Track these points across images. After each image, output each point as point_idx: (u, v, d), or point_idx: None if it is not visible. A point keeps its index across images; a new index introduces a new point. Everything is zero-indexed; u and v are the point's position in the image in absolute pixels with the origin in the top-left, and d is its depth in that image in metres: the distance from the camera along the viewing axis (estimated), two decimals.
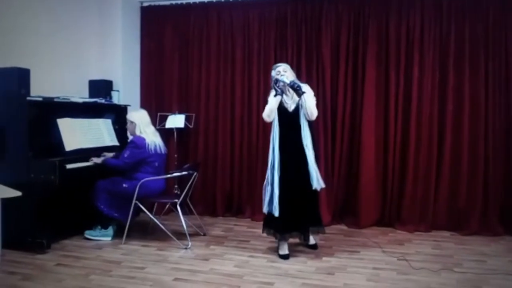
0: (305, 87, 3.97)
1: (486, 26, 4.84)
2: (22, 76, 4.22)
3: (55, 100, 4.48)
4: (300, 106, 3.97)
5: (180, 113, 5.65)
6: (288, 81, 3.93)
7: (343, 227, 5.12)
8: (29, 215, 4.12)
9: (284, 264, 3.90)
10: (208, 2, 5.66)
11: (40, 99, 4.29)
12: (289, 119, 4.01)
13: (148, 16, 5.88)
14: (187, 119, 5.59)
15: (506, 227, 4.80)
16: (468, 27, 4.87)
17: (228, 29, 5.62)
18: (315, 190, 4.02)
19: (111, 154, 4.62)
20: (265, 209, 4.03)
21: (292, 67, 5.30)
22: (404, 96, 5.06)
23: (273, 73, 4.12)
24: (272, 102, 3.97)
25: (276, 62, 5.38)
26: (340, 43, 5.24)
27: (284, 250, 4.08)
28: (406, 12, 5.03)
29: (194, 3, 5.71)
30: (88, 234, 4.56)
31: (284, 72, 4.03)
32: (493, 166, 4.85)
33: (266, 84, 5.45)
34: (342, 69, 5.23)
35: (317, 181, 3.98)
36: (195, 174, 4.54)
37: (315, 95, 4.11)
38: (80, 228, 4.60)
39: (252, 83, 5.54)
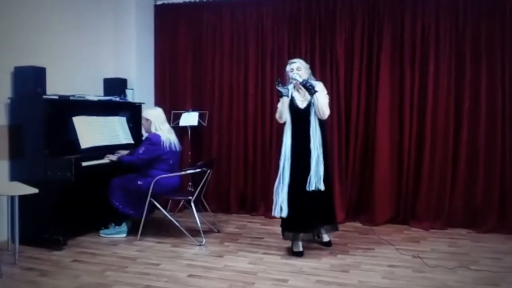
0: (319, 85, 3.95)
1: (502, 22, 4.76)
2: (38, 74, 4.29)
3: (71, 98, 4.53)
4: (312, 104, 3.94)
5: (193, 110, 5.67)
6: (300, 80, 3.90)
7: (358, 224, 5.10)
8: (46, 212, 4.17)
9: (298, 261, 3.89)
10: (221, 0, 5.66)
11: (56, 97, 4.35)
12: (300, 116, 3.99)
13: (162, 14, 5.90)
14: (201, 117, 5.61)
15: None
16: (484, 23, 4.80)
17: (241, 26, 5.62)
18: (326, 190, 3.97)
19: (125, 152, 4.65)
20: (276, 213, 4.03)
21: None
22: (420, 93, 5.01)
23: (288, 68, 4.10)
24: (280, 104, 3.99)
25: (289, 60, 5.42)
26: (354, 40, 5.21)
27: (298, 247, 4.07)
28: (421, 9, 4.97)
29: (208, 1, 5.73)
30: (103, 233, 4.61)
31: (297, 70, 4.01)
32: (510, 163, 4.78)
33: None
34: (356, 67, 5.20)
35: (314, 183, 3.88)
36: (209, 171, 4.56)
37: (328, 93, 4.09)
38: (95, 225, 4.64)
39: (265, 81, 5.54)
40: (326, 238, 4.30)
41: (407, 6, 5.02)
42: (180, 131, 5.50)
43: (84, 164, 4.22)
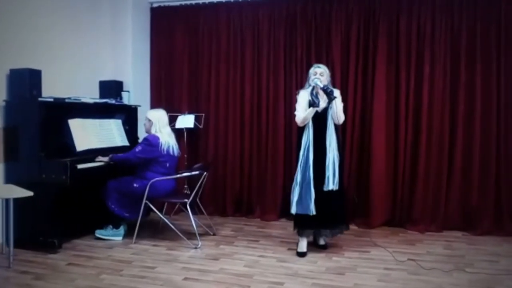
0: (336, 92, 4.05)
1: (498, 22, 4.78)
2: (33, 77, 4.27)
3: (66, 100, 4.51)
4: (329, 108, 4.05)
5: (190, 113, 5.66)
6: (321, 85, 4.00)
7: (354, 227, 5.08)
8: (41, 215, 4.16)
9: (294, 264, 3.89)
10: (217, 2, 5.67)
11: (51, 100, 4.33)
12: (317, 119, 4.08)
13: (158, 16, 5.90)
14: (197, 119, 5.60)
15: None
16: (479, 23, 4.82)
17: (237, 28, 5.62)
18: (339, 190, 4.09)
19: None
20: (293, 210, 4.09)
21: (301, 66, 5.37)
22: (415, 94, 5.02)
23: (311, 71, 4.17)
24: (308, 112, 4.03)
25: (285, 62, 5.45)
26: (350, 41, 5.21)
27: (302, 247, 4.12)
28: (417, 9, 4.99)
29: (204, 3, 5.73)
30: (99, 233, 4.59)
31: (320, 76, 4.09)
32: (505, 165, 4.80)
33: (275, 83, 5.47)
34: (352, 68, 5.21)
35: (332, 183, 4.02)
36: (205, 174, 4.55)
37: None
38: (91, 227, 4.62)
39: (261, 83, 5.54)
40: (322, 241, 4.31)
41: (403, 8, 5.03)
42: (176, 134, 5.47)
43: (79, 166, 4.21)
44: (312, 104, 4.01)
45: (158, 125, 4.54)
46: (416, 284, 3.43)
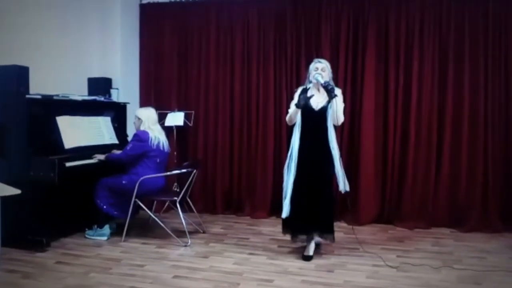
0: (337, 91, 3.80)
1: (485, 21, 4.83)
2: (21, 74, 4.21)
3: (54, 98, 4.47)
4: (328, 107, 3.82)
5: (179, 110, 5.64)
6: (322, 81, 3.76)
7: (343, 224, 5.11)
8: (29, 213, 4.12)
9: (284, 262, 3.90)
10: None
11: (39, 97, 4.29)
12: (313, 119, 3.87)
13: (147, 13, 5.86)
14: (186, 117, 5.58)
15: (506, 224, 4.80)
16: (467, 22, 4.87)
17: (227, 26, 5.61)
18: (329, 196, 3.95)
19: (116, 152, 4.60)
20: (284, 214, 3.90)
21: (291, 63, 5.37)
22: (404, 93, 5.06)
23: (312, 66, 3.94)
24: (291, 111, 3.86)
25: (275, 59, 5.43)
26: (339, 39, 5.23)
27: (308, 251, 3.97)
28: (405, 7, 5.02)
29: (193, 0, 5.70)
30: (87, 234, 4.56)
31: (321, 71, 3.86)
32: (492, 162, 4.85)
33: (265, 81, 5.47)
34: (341, 66, 5.22)
35: (344, 184, 3.93)
36: (194, 171, 4.54)
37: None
38: (80, 226, 4.59)
39: (251, 80, 5.53)
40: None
41: (392, 5, 5.06)
42: (165, 131, 5.45)
43: (68, 164, 4.17)
44: (297, 102, 3.79)
45: (147, 123, 4.52)
46: (405, 281, 3.45)
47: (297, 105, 3.79)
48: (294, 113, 3.85)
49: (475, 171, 4.88)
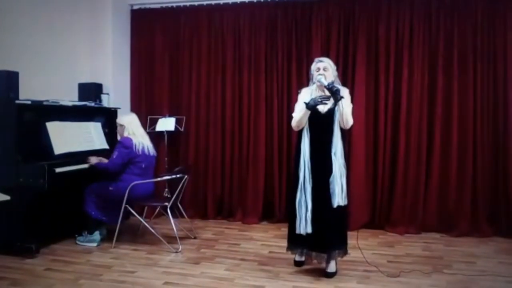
0: (344, 92, 3.55)
1: (474, 27, 4.89)
2: (10, 79, 4.20)
3: (44, 103, 4.44)
4: (335, 110, 3.50)
5: (170, 116, 5.64)
6: (326, 83, 3.45)
7: None
8: (18, 219, 4.09)
9: (275, 268, 3.89)
10: (198, 5, 5.65)
11: (29, 102, 4.26)
12: (319, 123, 3.55)
13: (138, 19, 5.86)
14: (178, 122, 5.58)
15: (495, 228, 4.84)
16: (456, 28, 4.92)
17: (218, 32, 5.62)
18: (340, 207, 3.52)
19: (105, 160, 4.56)
20: (301, 229, 3.53)
21: (282, 69, 5.38)
22: (394, 99, 5.09)
23: (313, 67, 3.65)
24: (301, 114, 3.51)
25: (266, 65, 5.45)
26: (330, 45, 5.25)
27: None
28: (395, 14, 5.07)
29: (185, 6, 5.71)
30: (77, 240, 4.54)
31: (324, 71, 3.56)
32: (481, 168, 4.89)
33: (256, 87, 5.47)
34: None
35: (340, 198, 3.50)
36: (185, 177, 4.53)
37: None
38: (69, 232, 4.56)
39: (242, 86, 5.54)
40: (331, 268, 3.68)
41: (382, 12, 5.10)
42: (156, 137, 5.46)
43: (57, 170, 4.15)
44: (307, 104, 3.44)
45: (130, 128, 4.52)
46: (395, 286, 3.47)
47: (308, 106, 3.44)
48: (303, 116, 3.50)
49: (464, 176, 4.92)
